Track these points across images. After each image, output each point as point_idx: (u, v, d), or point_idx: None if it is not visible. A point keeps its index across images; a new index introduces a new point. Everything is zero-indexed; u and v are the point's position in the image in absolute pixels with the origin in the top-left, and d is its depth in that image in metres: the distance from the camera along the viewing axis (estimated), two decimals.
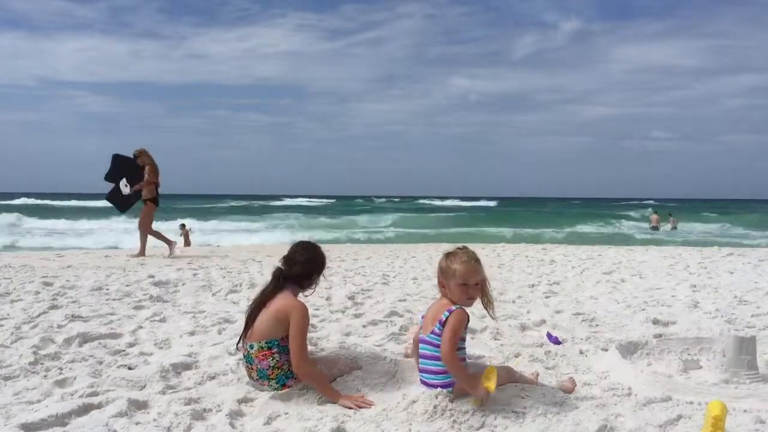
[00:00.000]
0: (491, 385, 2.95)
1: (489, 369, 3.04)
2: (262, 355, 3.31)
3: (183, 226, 19.97)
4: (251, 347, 3.35)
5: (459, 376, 2.99)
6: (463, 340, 3.15)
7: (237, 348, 3.54)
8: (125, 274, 8.33)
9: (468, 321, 3.12)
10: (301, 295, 3.55)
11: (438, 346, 3.06)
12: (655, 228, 30.42)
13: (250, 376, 3.42)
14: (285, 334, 3.31)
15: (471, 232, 28.42)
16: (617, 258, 11.58)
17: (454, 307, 3.08)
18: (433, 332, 3.09)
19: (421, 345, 3.21)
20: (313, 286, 3.58)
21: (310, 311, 5.51)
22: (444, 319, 3.05)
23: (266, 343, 3.31)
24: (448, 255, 3.19)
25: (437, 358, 3.08)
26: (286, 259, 3.51)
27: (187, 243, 18.54)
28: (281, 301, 3.38)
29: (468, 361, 3.27)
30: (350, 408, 3.07)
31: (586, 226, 33.72)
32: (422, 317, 3.33)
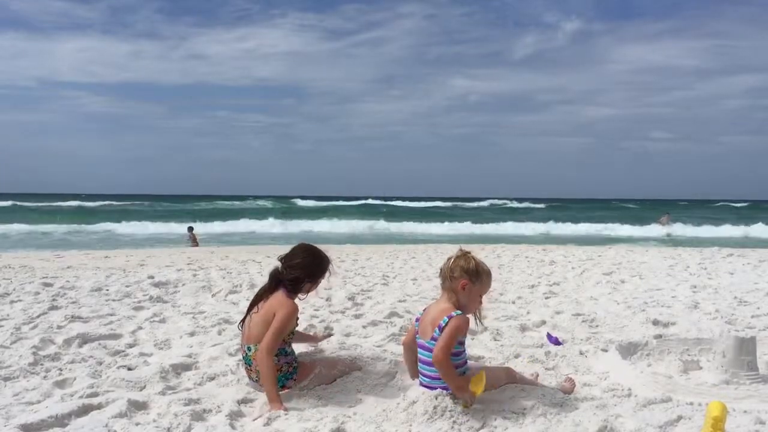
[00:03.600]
0: (478, 390, 2.94)
1: (479, 374, 3.01)
2: None
3: (191, 228, 20.08)
4: (249, 349, 3.35)
5: (448, 377, 2.96)
6: (462, 344, 3.13)
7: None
8: (125, 274, 8.33)
9: (467, 327, 3.10)
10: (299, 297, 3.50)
11: None
12: (664, 229, 29.74)
13: (249, 377, 3.42)
14: None
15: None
16: (617, 259, 11.57)
17: (454, 313, 3.04)
18: (432, 338, 3.05)
19: (420, 351, 3.17)
20: (307, 291, 3.48)
21: (310, 312, 5.55)
22: (443, 324, 3.02)
23: None
24: (476, 260, 3.14)
25: None
26: (283, 260, 3.48)
27: (195, 244, 18.65)
28: (272, 301, 3.36)
29: (469, 362, 3.26)
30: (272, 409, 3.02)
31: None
32: (416, 320, 3.29)
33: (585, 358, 4.10)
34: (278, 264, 3.48)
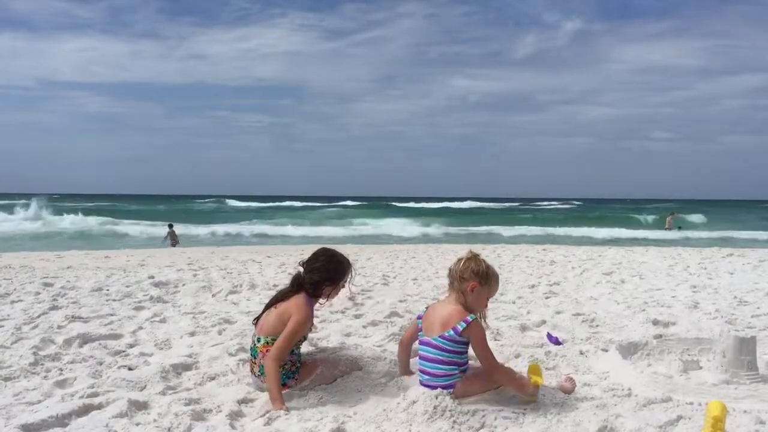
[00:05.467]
0: (539, 379, 3.11)
1: (532, 365, 3.22)
2: (267, 350, 3.31)
3: (171, 225, 20.02)
4: (258, 340, 3.37)
5: (509, 382, 3.08)
6: (466, 344, 3.15)
7: None
8: (125, 274, 8.33)
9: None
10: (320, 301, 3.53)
11: (445, 350, 3.07)
12: (669, 230, 28.66)
13: (252, 372, 3.41)
14: None
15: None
16: (617, 258, 11.58)
17: (470, 318, 3.07)
18: (442, 336, 3.07)
19: (422, 346, 3.19)
20: (327, 294, 3.50)
21: None
22: (461, 329, 3.05)
23: (272, 339, 3.31)
24: (486, 264, 3.20)
25: (441, 362, 3.08)
26: (304, 265, 3.50)
27: (175, 242, 18.61)
28: (292, 301, 3.38)
29: (470, 362, 3.27)
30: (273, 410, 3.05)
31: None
32: (419, 318, 3.32)
33: (585, 358, 4.10)
34: (300, 269, 3.51)
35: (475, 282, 3.13)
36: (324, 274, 3.44)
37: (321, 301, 3.52)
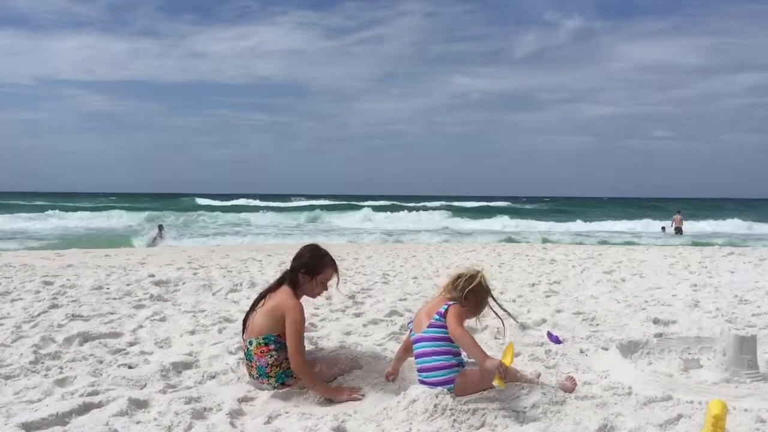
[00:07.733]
0: (507, 360, 2.94)
1: (508, 345, 3.07)
2: (261, 352, 3.32)
3: (161, 227, 20.05)
4: (250, 343, 3.37)
5: (471, 347, 2.99)
6: None
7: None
8: (126, 273, 8.33)
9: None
10: (305, 297, 3.54)
11: (436, 339, 3.09)
12: (678, 230, 27.32)
13: (250, 374, 3.42)
14: (282, 331, 3.33)
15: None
16: (618, 257, 11.58)
17: (450, 303, 3.15)
18: (431, 325, 3.11)
19: (416, 345, 3.20)
20: (305, 285, 3.48)
21: (311, 310, 5.55)
22: (443, 310, 3.11)
23: (263, 339, 3.33)
24: (485, 280, 3.30)
25: (436, 353, 3.09)
26: (292, 261, 3.55)
27: (153, 244, 18.66)
28: (278, 297, 3.41)
29: (467, 360, 3.27)
30: (345, 401, 3.16)
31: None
32: (410, 324, 3.34)
33: (585, 357, 4.10)
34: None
35: (479, 297, 3.27)
36: (302, 264, 3.47)
37: (297, 292, 3.48)
